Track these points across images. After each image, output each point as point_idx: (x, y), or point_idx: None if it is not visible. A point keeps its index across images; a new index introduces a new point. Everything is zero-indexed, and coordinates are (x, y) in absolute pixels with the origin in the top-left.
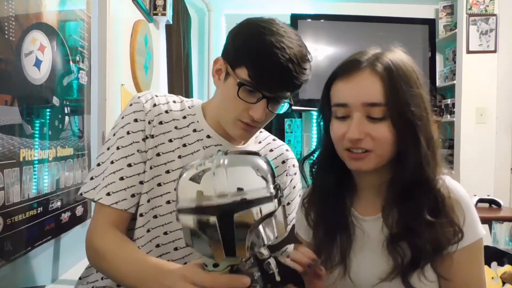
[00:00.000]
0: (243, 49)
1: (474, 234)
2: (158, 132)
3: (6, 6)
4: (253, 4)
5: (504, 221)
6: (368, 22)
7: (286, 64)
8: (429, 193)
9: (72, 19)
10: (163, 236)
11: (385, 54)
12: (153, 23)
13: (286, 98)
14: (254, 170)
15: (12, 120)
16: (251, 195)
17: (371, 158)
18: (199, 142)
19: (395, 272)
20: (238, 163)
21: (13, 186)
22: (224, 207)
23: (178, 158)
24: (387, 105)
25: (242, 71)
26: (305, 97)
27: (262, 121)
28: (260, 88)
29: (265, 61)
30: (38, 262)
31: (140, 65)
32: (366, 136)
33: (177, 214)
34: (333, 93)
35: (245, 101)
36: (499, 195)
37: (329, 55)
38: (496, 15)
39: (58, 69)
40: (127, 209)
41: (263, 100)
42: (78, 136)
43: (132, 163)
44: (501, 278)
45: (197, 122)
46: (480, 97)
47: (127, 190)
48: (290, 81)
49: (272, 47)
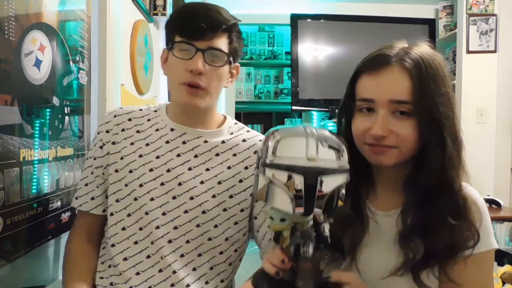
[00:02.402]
0: (171, 20)
1: (487, 243)
2: (121, 138)
3: (6, 6)
4: (253, 4)
5: (504, 221)
6: (368, 22)
7: (200, 11)
8: (451, 195)
9: (72, 19)
10: (139, 233)
11: (413, 49)
12: (153, 23)
13: (221, 49)
14: (335, 146)
15: (12, 120)
16: (332, 165)
17: (394, 154)
18: (161, 139)
19: (405, 267)
20: (325, 138)
21: (13, 186)
22: (312, 170)
23: (139, 157)
24: (414, 103)
25: (175, 37)
26: (305, 97)
27: (206, 80)
28: (189, 41)
29: (184, 14)
30: (38, 262)
31: (140, 65)
32: (390, 133)
33: (263, 169)
34: (358, 88)
35: (181, 58)
36: (499, 195)
37: (329, 55)
38: (496, 15)
39: (58, 69)
40: (89, 210)
41: (198, 53)
42: (78, 136)
43: (94, 170)
44: (501, 278)
45: (161, 121)
46: (480, 97)
47: (89, 193)
48: (210, 20)
49: (190, 7)
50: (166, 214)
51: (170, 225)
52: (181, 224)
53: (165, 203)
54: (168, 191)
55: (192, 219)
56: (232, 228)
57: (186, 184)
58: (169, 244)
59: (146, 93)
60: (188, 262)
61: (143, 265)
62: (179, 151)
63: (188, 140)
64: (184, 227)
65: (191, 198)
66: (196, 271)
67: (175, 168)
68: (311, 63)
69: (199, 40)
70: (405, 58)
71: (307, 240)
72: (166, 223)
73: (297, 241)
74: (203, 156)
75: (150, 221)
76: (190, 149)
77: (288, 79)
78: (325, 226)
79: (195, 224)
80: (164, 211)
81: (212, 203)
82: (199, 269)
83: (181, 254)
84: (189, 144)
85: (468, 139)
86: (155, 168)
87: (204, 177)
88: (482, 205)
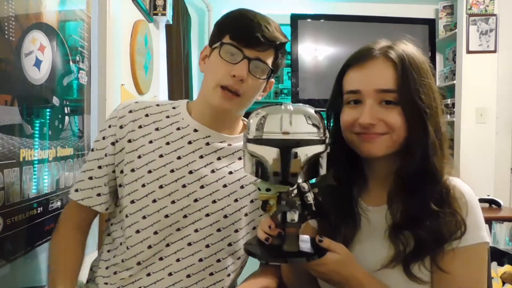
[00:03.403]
0: (224, 20)
1: (476, 236)
2: (138, 135)
3: (6, 6)
4: (253, 4)
5: (504, 221)
6: (368, 22)
7: (258, 20)
8: (434, 183)
9: (72, 19)
10: (153, 236)
11: (397, 44)
12: (153, 23)
13: (266, 62)
14: (310, 119)
15: (12, 120)
16: (307, 137)
17: (384, 140)
18: (183, 139)
19: (397, 259)
20: (299, 112)
21: (13, 186)
22: (286, 142)
23: (160, 157)
24: (398, 91)
25: (225, 38)
26: (305, 97)
27: (244, 87)
28: (240, 46)
29: (241, 21)
30: (38, 262)
31: (140, 65)
32: (379, 121)
33: (245, 143)
34: (345, 82)
35: (227, 61)
36: (499, 195)
37: (329, 55)
38: (496, 15)
39: (58, 69)
40: (91, 206)
41: (244, 60)
42: (78, 136)
43: (102, 165)
44: (501, 278)
45: (181, 120)
46: (480, 97)
47: (94, 189)
48: (265, 35)
49: (249, 13)
50: (187, 216)
51: (191, 227)
52: (202, 228)
53: (187, 206)
54: (189, 193)
55: (213, 223)
56: (251, 233)
57: (209, 187)
58: (189, 247)
59: (146, 93)
60: (206, 266)
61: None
62: (202, 153)
63: (211, 142)
64: (205, 230)
65: (213, 202)
66: (212, 276)
67: (197, 170)
68: (311, 63)
69: (249, 49)
70: (389, 51)
71: (292, 208)
72: (187, 226)
73: (283, 208)
74: (227, 159)
75: (171, 224)
76: (213, 151)
77: (288, 79)
78: (309, 195)
79: (216, 229)
80: (185, 214)
81: (233, 207)
82: (216, 274)
83: (199, 259)
84: (213, 146)
85: (468, 139)
86: (176, 169)
87: (227, 180)
88: (470, 198)
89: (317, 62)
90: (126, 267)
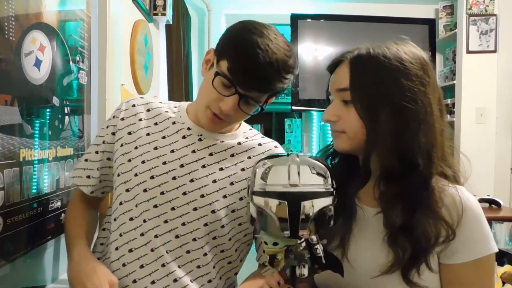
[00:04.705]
0: (229, 42)
1: (487, 248)
2: (137, 128)
3: (6, 6)
4: (253, 4)
5: (504, 221)
6: (368, 22)
7: (264, 66)
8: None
9: (72, 19)
10: (144, 225)
11: (367, 47)
12: (153, 23)
13: (259, 102)
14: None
15: (12, 120)
16: (315, 189)
17: (344, 138)
18: (177, 133)
19: (396, 265)
20: (306, 163)
21: (13, 186)
22: (294, 195)
23: (154, 149)
24: (350, 89)
25: (224, 64)
26: (305, 97)
27: (231, 117)
28: (234, 83)
29: (244, 58)
30: (38, 262)
31: (140, 65)
32: (339, 119)
33: (252, 197)
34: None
35: (218, 92)
36: (499, 195)
37: (329, 55)
38: (496, 15)
39: (58, 69)
40: (79, 185)
41: (235, 95)
42: (78, 136)
43: (99, 151)
44: (501, 278)
45: (179, 118)
46: (480, 97)
47: (85, 170)
48: (265, 83)
49: (256, 46)
50: (175, 209)
51: (178, 220)
52: (189, 221)
53: (175, 198)
54: (179, 186)
55: (200, 217)
56: (236, 228)
57: (199, 181)
58: (176, 239)
59: (146, 93)
60: (193, 259)
61: (147, 258)
62: (194, 148)
63: (204, 138)
64: (192, 224)
65: (201, 196)
66: (200, 269)
67: (188, 164)
68: (311, 63)
69: (244, 90)
70: (353, 52)
71: (301, 261)
72: (175, 218)
73: (291, 263)
74: (218, 155)
75: (159, 215)
76: (205, 146)
77: None
78: (318, 247)
79: (203, 223)
80: (173, 206)
81: (222, 203)
82: (203, 268)
83: (187, 250)
84: (205, 142)
85: (468, 139)
86: (168, 161)
87: (217, 176)
88: (478, 209)
89: (317, 62)
90: (118, 256)
